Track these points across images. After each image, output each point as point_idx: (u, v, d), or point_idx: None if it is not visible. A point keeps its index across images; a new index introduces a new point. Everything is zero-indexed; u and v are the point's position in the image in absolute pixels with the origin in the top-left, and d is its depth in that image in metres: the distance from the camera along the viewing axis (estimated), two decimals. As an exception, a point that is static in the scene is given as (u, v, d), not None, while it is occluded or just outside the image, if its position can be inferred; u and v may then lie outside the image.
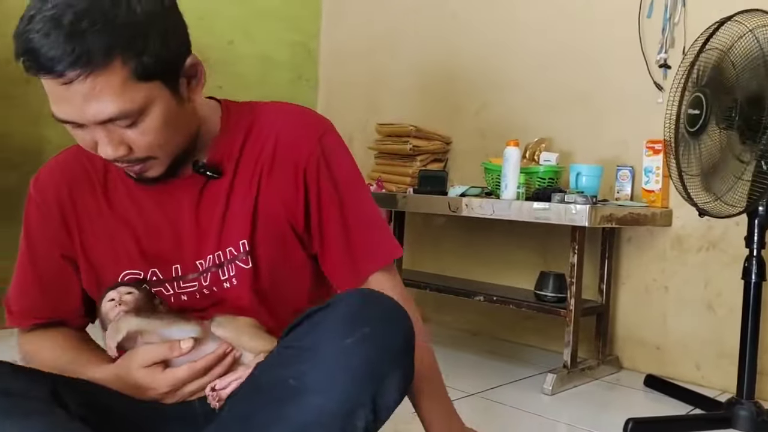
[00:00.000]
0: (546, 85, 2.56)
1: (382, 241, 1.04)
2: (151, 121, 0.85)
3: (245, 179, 0.99)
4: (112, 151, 0.85)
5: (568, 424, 1.82)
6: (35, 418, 0.77)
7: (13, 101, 2.45)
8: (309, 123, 1.03)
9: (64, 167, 1.04)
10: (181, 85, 0.89)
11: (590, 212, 1.91)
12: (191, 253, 0.98)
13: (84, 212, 1.01)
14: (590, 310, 2.24)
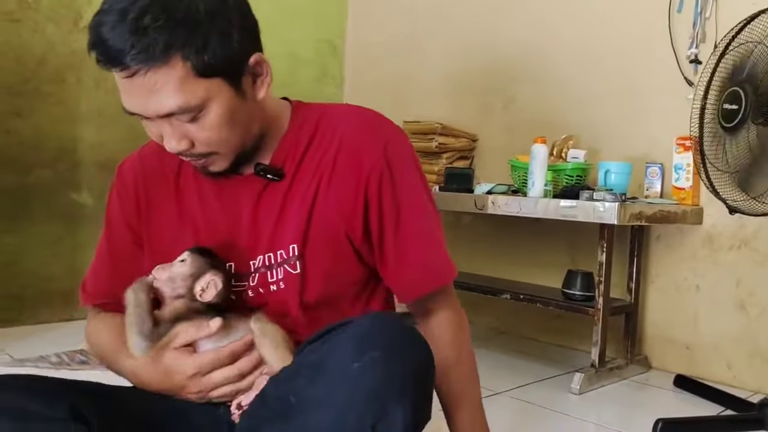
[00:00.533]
0: (574, 81, 2.54)
1: (436, 262, 1.01)
2: (212, 117, 0.86)
3: (304, 183, 0.97)
4: (175, 144, 0.87)
5: (596, 423, 1.80)
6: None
7: (48, 100, 2.51)
8: (374, 130, 0.99)
9: (144, 158, 1.07)
10: (245, 82, 0.89)
11: (619, 210, 1.89)
12: (245, 253, 0.98)
13: (155, 202, 1.04)
14: (619, 309, 2.22)
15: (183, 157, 0.92)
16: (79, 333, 2.44)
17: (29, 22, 2.45)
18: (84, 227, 2.63)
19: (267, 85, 0.93)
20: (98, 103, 2.63)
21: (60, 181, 2.56)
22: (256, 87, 0.92)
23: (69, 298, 2.60)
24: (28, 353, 2.11)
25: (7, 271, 2.44)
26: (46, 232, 2.54)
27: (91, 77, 2.61)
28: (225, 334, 0.92)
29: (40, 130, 2.50)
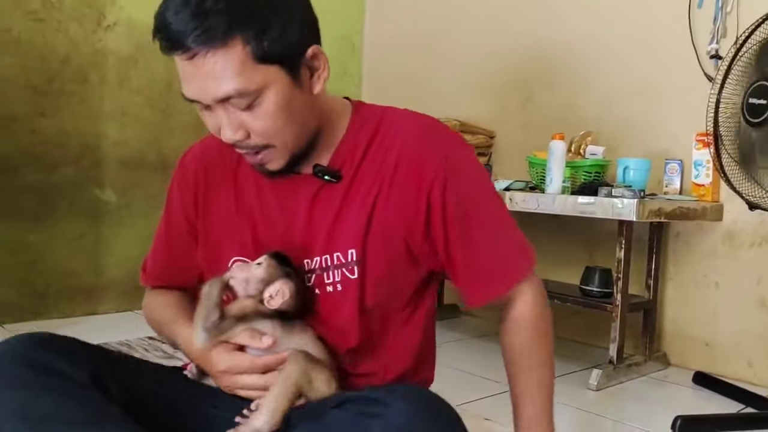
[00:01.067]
0: (593, 77, 2.53)
1: (510, 260, 1.00)
2: (268, 104, 0.87)
3: (363, 186, 0.97)
4: (231, 133, 0.88)
5: (614, 420, 1.81)
6: (73, 398, 0.82)
7: (72, 99, 2.55)
8: (436, 139, 0.99)
9: (206, 150, 1.09)
10: (303, 74, 0.90)
11: (638, 206, 1.89)
12: (300, 251, 0.98)
13: (213, 195, 1.06)
14: (637, 305, 2.21)
15: (239, 150, 0.92)
16: (102, 327, 2.49)
17: (53, 22, 2.49)
18: (107, 224, 2.67)
19: (323, 80, 0.93)
20: (121, 101, 2.67)
21: (83, 178, 2.60)
22: (313, 80, 0.92)
23: (92, 293, 2.65)
24: (54, 347, 2.15)
25: (33, 268, 2.49)
26: (70, 229, 2.58)
27: (115, 76, 2.65)
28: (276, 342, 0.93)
29: (64, 128, 2.54)
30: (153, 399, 0.94)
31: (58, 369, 0.85)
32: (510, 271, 1.00)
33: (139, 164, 2.74)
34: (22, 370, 0.83)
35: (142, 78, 2.72)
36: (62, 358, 0.86)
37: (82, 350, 0.92)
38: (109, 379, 0.89)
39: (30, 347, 0.87)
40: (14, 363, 0.84)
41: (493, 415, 1.72)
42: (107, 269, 2.68)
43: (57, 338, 0.92)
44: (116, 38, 2.64)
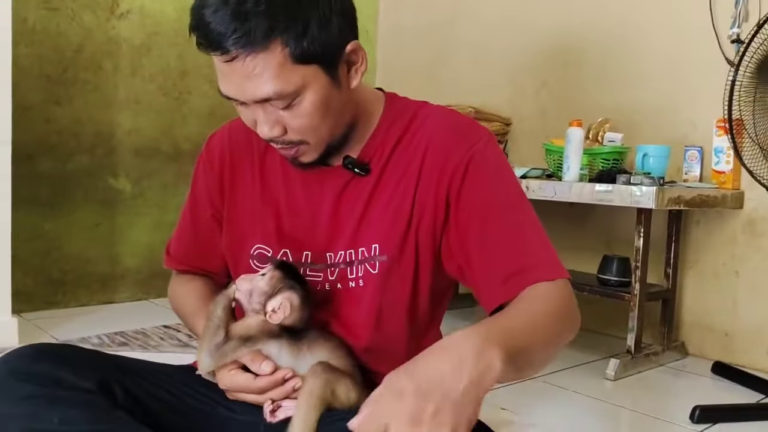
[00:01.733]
0: (610, 63, 2.49)
1: (529, 264, 0.88)
2: (307, 104, 0.85)
3: (391, 182, 0.96)
4: (268, 130, 0.87)
5: (632, 410, 1.79)
6: (81, 406, 0.82)
7: (86, 87, 2.55)
8: (463, 133, 0.96)
9: (233, 134, 1.06)
10: (341, 70, 0.88)
11: (657, 194, 1.86)
12: (323, 243, 0.97)
13: (239, 180, 1.04)
14: (655, 294, 2.19)
15: (274, 144, 0.91)
16: (119, 316, 2.51)
17: (66, 11, 2.49)
18: (121, 212, 2.68)
19: (361, 74, 0.91)
20: (135, 90, 2.67)
21: (98, 167, 2.61)
22: (351, 75, 0.91)
23: (107, 281, 2.66)
24: (71, 335, 2.16)
25: (49, 256, 2.51)
26: (85, 218, 2.59)
27: (128, 64, 2.64)
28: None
29: (78, 117, 2.55)
30: (163, 403, 0.93)
31: (63, 380, 0.84)
32: (529, 273, 0.88)
33: (152, 153, 2.74)
34: (25, 385, 0.83)
35: (155, 66, 2.71)
36: (65, 368, 0.86)
37: (86, 358, 0.91)
38: (115, 386, 0.88)
39: (31, 361, 0.86)
40: (17, 378, 0.83)
41: (510, 405, 1.71)
42: (122, 258, 2.69)
43: (59, 348, 0.92)
44: (129, 26, 2.64)
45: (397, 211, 0.94)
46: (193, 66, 2.79)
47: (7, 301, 2.03)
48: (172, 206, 2.74)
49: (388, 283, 0.95)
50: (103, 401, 0.85)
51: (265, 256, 0.99)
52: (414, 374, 0.67)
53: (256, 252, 1.00)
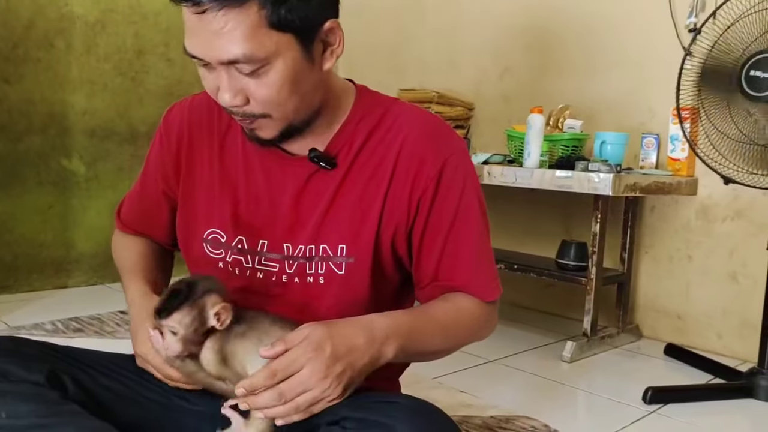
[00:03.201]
0: (571, 49, 2.51)
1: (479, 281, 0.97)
2: (275, 74, 0.82)
3: (360, 179, 0.94)
4: (229, 98, 0.83)
5: (587, 391, 1.83)
6: (29, 400, 0.80)
7: (38, 65, 2.47)
8: (439, 141, 0.95)
9: (193, 109, 1.02)
10: (315, 47, 0.85)
11: (614, 181, 1.89)
12: (281, 234, 0.94)
13: (197, 161, 1.00)
14: (611, 279, 2.23)
15: (234, 114, 0.87)
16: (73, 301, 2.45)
17: (16, -15, 2.39)
18: (75, 194, 2.61)
19: (336, 57, 0.89)
20: (88, 69, 2.59)
21: (50, 147, 2.53)
22: (325, 56, 0.88)
23: (61, 265, 2.59)
24: (23, 321, 2.10)
25: (1, 240, 2.43)
26: (37, 199, 2.52)
27: (82, 42, 2.56)
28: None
29: (30, 96, 2.46)
30: (115, 395, 0.92)
31: (9, 372, 0.82)
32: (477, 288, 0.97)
33: (107, 134, 2.66)
34: None
35: (110, 45, 2.63)
36: (12, 360, 0.84)
37: (34, 350, 0.89)
38: (65, 378, 0.87)
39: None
40: None
41: (468, 388, 1.73)
42: (77, 242, 2.62)
43: (4, 341, 0.89)
44: (83, 2, 2.55)
45: (366, 212, 0.93)
46: (149, 45, 2.72)
47: (-46, 286, 1.96)
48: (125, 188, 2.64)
49: (352, 283, 0.94)
50: (53, 394, 0.83)
51: (219, 241, 0.97)
52: (334, 337, 0.81)
53: (210, 236, 0.98)
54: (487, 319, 0.99)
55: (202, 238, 0.98)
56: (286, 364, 0.79)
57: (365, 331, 0.83)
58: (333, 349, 0.79)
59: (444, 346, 0.96)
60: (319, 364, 0.78)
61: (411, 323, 0.89)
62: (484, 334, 1.01)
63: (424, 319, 0.92)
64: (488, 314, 0.99)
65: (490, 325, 1.01)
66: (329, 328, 0.81)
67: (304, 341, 0.79)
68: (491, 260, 1.00)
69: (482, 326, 0.99)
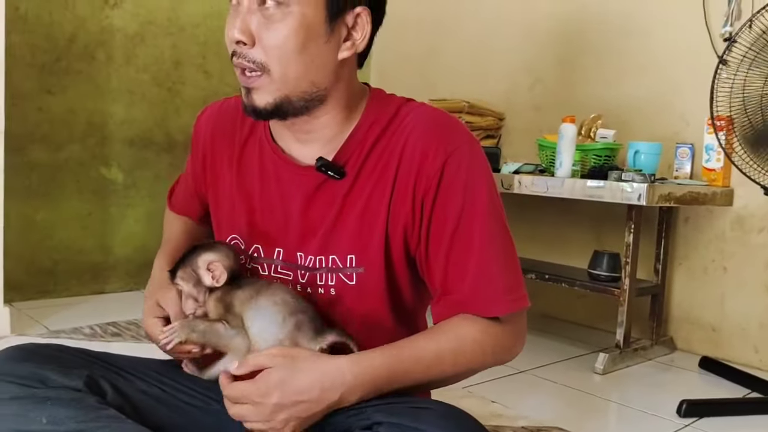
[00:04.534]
0: (604, 59, 2.50)
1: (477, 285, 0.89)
2: (288, 21, 0.83)
3: (366, 187, 0.91)
4: (237, 32, 0.84)
5: (620, 403, 1.81)
6: (69, 405, 0.82)
7: (79, 77, 2.54)
8: (442, 136, 0.90)
9: (219, 114, 1.05)
10: (338, 26, 0.86)
11: (647, 191, 1.88)
12: (294, 242, 0.94)
13: (218, 164, 1.03)
14: (645, 290, 2.21)
15: (237, 59, 0.87)
16: (110, 306, 2.51)
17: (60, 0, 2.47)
18: (113, 202, 2.67)
19: (354, 51, 0.89)
20: (127, 80, 2.66)
21: (90, 156, 2.60)
22: (345, 44, 0.88)
23: (99, 271, 2.65)
24: (63, 325, 2.16)
25: (42, 246, 2.50)
26: (77, 207, 2.58)
27: (122, 54, 2.63)
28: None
29: (71, 107, 2.53)
30: (153, 399, 0.93)
31: (49, 379, 0.84)
32: (465, 305, 0.90)
33: (145, 143, 2.73)
34: (12, 387, 0.83)
35: (148, 56, 2.70)
36: (51, 367, 0.86)
37: (73, 356, 0.91)
38: (103, 383, 0.89)
39: (17, 362, 0.86)
40: (3, 380, 0.84)
41: (499, 398, 1.73)
42: (114, 248, 2.69)
43: (43, 347, 0.91)
44: (123, 15, 2.62)
45: (372, 222, 0.91)
46: (186, 56, 2.78)
47: (-2, 290, 2.02)
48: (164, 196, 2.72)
49: (365, 293, 0.93)
50: (91, 399, 0.85)
51: (239, 247, 0.99)
52: (286, 386, 0.80)
53: (232, 242, 1.00)
54: (497, 342, 0.90)
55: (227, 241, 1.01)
56: (235, 396, 0.83)
57: (325, 381, 0.81)
58: (279, 400, 0.80)
59: (439, 379, 0.90)
60: (262, 409, 0.81)
61: (391, 367, 0.84)
62: (502, 357, 0.93)
63: (410, 359, 0.86)
64: (499, 335, 0.90)
65: (505, 347, 0.93)
66: (286, 375, 0.81)
67: (260, 380, 0.81)
68: (507, 268, 0.91)
69: (492, 351, 0.91)
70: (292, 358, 0.82)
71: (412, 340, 0.89)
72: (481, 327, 0.89)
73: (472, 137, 0.94)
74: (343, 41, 0.88)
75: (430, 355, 0.87)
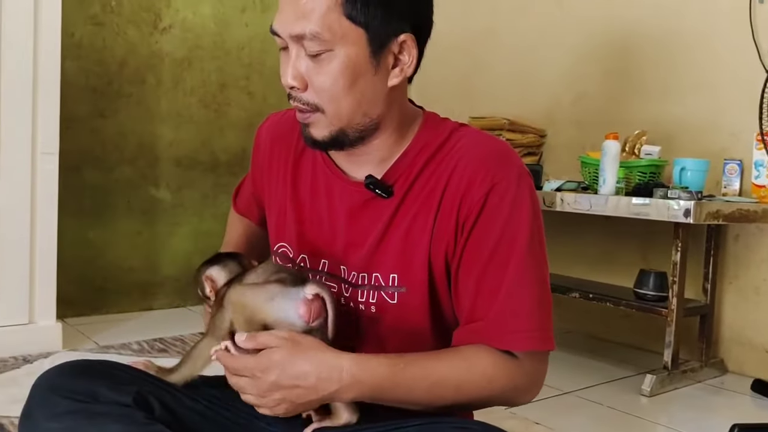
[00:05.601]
0: (647, 73, 2.47)
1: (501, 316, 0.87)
2: (336, 62, 0.84)
3: (411, 209, 0.92)
4: (290, 78, 0.86)
5: (668, 427, 1.76)
6: (118, 420, 0.84)
7: (130, 100, 2.63)
8: (489, 166, 0.89)
9: (280, 124, 1.07)
10: (384, 56, 0.87)
11: (695, 208, 1.84)
12: (339, 255, 0.96)
13: (275, 173, 1.05)
14: (693, 310, 2.15)
15: (292, 101, 0.90)
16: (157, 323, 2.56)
17: (112, 25, 2.57)
18: (161, 221, 2.75)
19: (404, 77, 0.90)
20: (176, 103, 2.74)
21: (140, 177, 2.68)
22: (394, 71, 0.89)
23: (147, 289, 2.72)
24: (112, 341, 2.22)
25: (93, 264, 2.58)
26: (127, 226, 2.66)
27: (170, 78, 2.72)
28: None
29: (122, 129, 2.62)
30: (199, 416, 0.94)
31: (100, 394, 0.87)
32: (484, 334, 0.88)
33: (192, 164, 2.80)
34: (65, 401, 0.85)
35: (195, 79, 2.78)
36: (103, 383, 0.88)
37: (123, 373, 0.93)
38: (152, 399, 0.90)
39: (69, 376, 0.89)
40: (57, 394, 0.86)
41: (542, 420, 1.70)
42: (162, 266, 2.75)
43: (95, 364, 0.94)
44: (171, 40, 2.71)
45: (416, 242, 0.91)
46: (231, 78, 2.86)
47: (52, 306, 2.09)
48: (210, 215, 2.80)
49: (406, 313, 0.93)
50: (140, 414, 0.86)
51: (287, 255, 1.01)
52: (285, 368, 0.81)
53: (280, 250, 1.02)
54: (509, 380, 0.88)
55: (273, 250, 1.04)
56: (236, 367, 0.84)
57: (323, 372, 0.81)
58: (277, 379, 0.81)
59: (438, 404, 0.88)
60: (260, 384, 0.82)
61: (393, 379, 0.84)
62: (512, 396, 0.91)
63: (414, 376, 0.85)
64: (514, 373, 0.88)
65: (518, 387, 0.90)
66: (288, 357, 0.81)
67: (262, 356, 0.82)
68: (537, 306, 0.88)
69: (501, 388, 0.88)
70: (298, 343, 0.83)
71: (422, 357, 0.88)
72: (495, 361, 0.87)
73: (523, 170, 0.92)
74: (391, 69, 0.89)
75: (435, 377, 0.86)
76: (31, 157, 2.03)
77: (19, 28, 1.98)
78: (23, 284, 2.04)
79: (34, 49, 2.01)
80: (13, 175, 2.00)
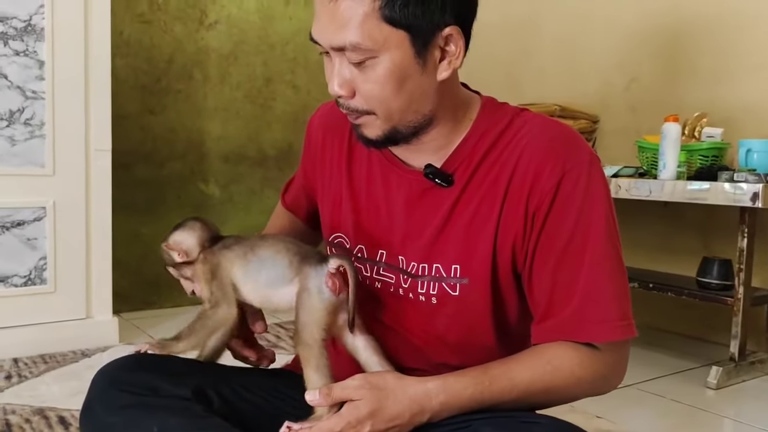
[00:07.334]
0: (704, 53, 2.36)
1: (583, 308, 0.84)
2: (381, 69, 0.81)
3: (474, 198, 0.89)
4: (336, 87, 0.84)
5: (736, 420, 1.69)
6: (177, 413, 0.84)
7: (178, 96, 2.66)
8: (558, 153, 0.86)
9: (331, 114, 1.03)
10: (431, 53, 0.83)
11: (763, 192, 1.74)
12: (397, 246, 0.93)
13: (328, 163, 1.03)
14: (761, 299, 2.05)
15: (341, 108, 0.87)
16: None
17: (159, 23, 2.60)
18: (210, 215, 2.75)
19: (454, 69, 0.86)
20: (223, 98, 2.75)
21: (189, 172, 2.71)
22: (442, 64, 0.85)
23: (199, 283, 2.75)
24: (166, 334, 2.22)
25: (146, 258, 2.62)
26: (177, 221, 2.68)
27: (217, 73, 2.73)
28: None
29: (171, 125, 2.65)
30: (258, 409, 0.94)
31: (160, 388, 0.87)
32: (563, 329, 0.85)
33: (239, 159, 2.81)
34: (125, 395, 0.85)
35: (241, 74, 2.79)
36: (162, 376, 0.88)
37: (182, 367, 0.93)
38: (210, 392, 0.90)
39: (128, 370, 0.90)
40: (117, 388, 0.87)
41: (604, 413, 1.64)
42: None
43: (154, 358, 0.94)
44: (217, 36, 2.72)
45: (479, 232, 0.88)
46: (276, 73, 2.85)
47: (108, 301, 2.13)
48: (257, 210, 2.81)
49: (468, 304, 0.90)
50: (199, 408, 0.87)
51: (344, 246, 0.99)
52: (377, 416, 0.80)
53: (336, 240, 1.00)
54: (596, 374, 0.86)
55: (328, 241, 1.01)
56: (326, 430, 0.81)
57: (414, 408, 0.82)
58: (372, 428, 0.80)
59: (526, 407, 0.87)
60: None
61: (480, 399, 0.83)
62: (599, 388, 0.90)
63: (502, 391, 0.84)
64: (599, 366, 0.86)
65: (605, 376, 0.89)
66: (377, 406, 0.80)
67: (349, 414, 0.80)
68: (618, 293, 0.85)
69: (589, 384, 0.87)
70: (379, 389, 0.81)
71: (506, 369, 0.86)
72: (581, 359, 0.85)
73: (593, 154, 0.88)
74: (438, 63, 0.85)
75: (522, 386, 0.85)
76: (85, 154, 2.06)
77: (70, 29, 2.02)
78: (80, 280, 2.08)
79: (85, 49, 2.05)
80: (67, 172, 2.04)
